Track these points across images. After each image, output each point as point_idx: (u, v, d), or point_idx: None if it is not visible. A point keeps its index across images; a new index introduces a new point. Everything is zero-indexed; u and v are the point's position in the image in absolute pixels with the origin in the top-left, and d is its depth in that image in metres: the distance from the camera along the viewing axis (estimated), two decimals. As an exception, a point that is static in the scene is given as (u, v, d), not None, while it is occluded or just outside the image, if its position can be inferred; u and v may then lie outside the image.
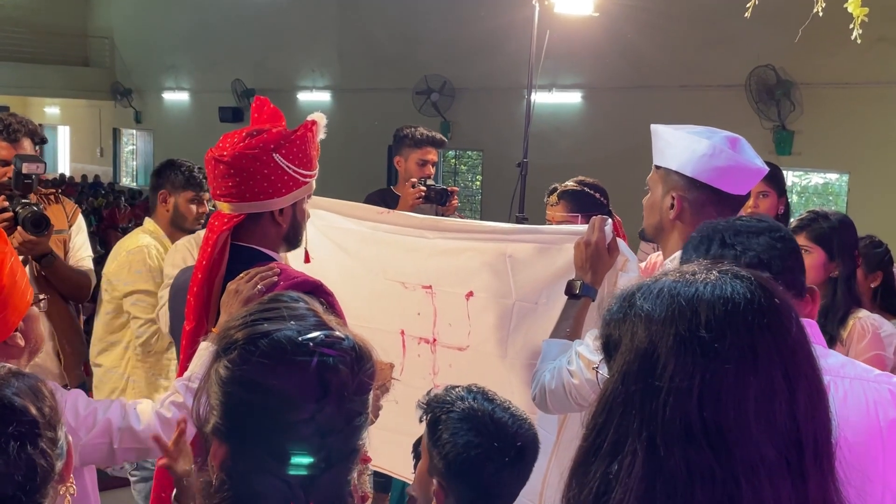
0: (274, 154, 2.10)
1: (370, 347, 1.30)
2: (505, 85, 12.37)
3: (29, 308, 1.89)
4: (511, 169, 5.04)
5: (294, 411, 1.19)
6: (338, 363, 1.22)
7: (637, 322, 1.03)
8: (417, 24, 14.52)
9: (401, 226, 2.95)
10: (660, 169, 2.21)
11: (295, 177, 2.15)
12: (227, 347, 1.24)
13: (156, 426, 1.94)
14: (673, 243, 2.19)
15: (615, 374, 1.03)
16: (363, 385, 1.26)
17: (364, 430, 1.28)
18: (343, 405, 1.22)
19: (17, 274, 1.85)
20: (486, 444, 1.81)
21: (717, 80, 10.50)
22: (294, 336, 1.22)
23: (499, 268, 2.70)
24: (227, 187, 2.14)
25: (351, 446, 1.25)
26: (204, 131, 16.45)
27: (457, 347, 2.86)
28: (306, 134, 2.18)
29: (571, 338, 2.26)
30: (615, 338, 1.06)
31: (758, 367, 0.98)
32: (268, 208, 2.16)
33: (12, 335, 1.85)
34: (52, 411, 1.30)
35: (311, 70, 17.20)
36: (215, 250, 2.13)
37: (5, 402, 1.24)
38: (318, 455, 1.20)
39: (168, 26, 20.53)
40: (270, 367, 1.20)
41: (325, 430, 1.20)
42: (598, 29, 10.21)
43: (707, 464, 0.95)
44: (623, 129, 10.87)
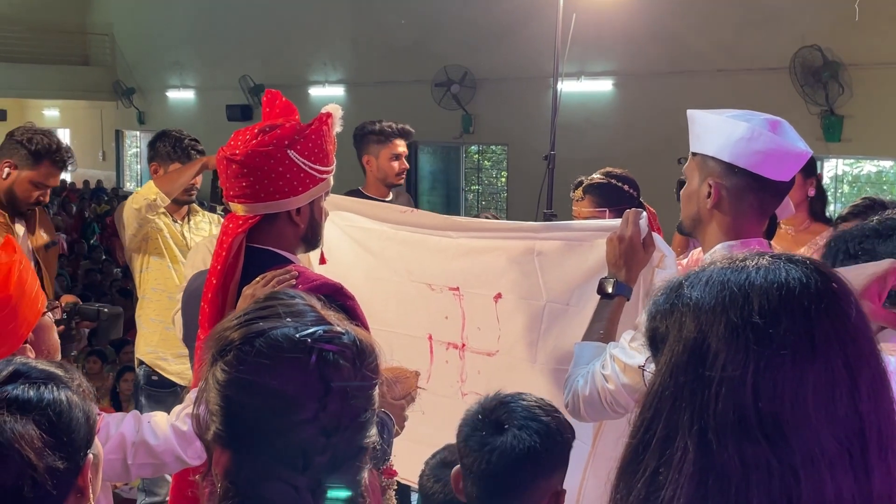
0: (288, 150, 2.11)
1: (371, 341, 1.31)
2: (530, 74, 12.36)
3: (40, 318, 1.93)
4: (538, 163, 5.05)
5: (296, 411, 1.21)
6: (338, 359, 1.23)
7: (685, 312, 1.03)
8: (435, 11, 14.53)
9: (424, 226, 2.97)
10: (696, 156, 2.21)
11: (311, 174, 2.16)
12: (222, 349, 1.26)
13: (171, 440, 1.96)
14: (711, 235, 2.18)
15: (663, 367, 1.04)
16: (366, 380, 1.27)
17: (371, 426, 1.29)
18: (347, 402, 1.24)
19: (25, 283, 1.89)
20: (471, 424, 1.87)
21: (759, 62, 10.43)
22: (291, 333, 1.24)
23: (527, 268, 2.72)
24: (240, 188, 2.15)
25: (358, 444, 1.27)
26: (211, 131, 16.50)
27: (486, 353, 2.88)
28: (321, 128, 2.19)
29: (605, 340, 2.26)
30: (662, 330, 1.06)
31: (816, 355, 0.98)
32: (284, 208, 2.17)
33: (22, 347, 1.90)
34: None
35: (324, 63, 17.26)
36: (230, 254, 2.14)
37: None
38: (323, 455, 1.22)
39: (171, 21, 20.67)
40: (268, 366, 1.22)
41: (329, 429, 1.22)
42: (629, 11, 10.20)
43: (763, 457, 0.95)
44: (658, 117, 10.84)
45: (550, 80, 5.25)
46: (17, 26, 22.24)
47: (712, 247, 2.17)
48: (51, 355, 1.97)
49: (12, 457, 1.26)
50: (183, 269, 3.93)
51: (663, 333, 1.06)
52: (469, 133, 14.61)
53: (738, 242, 2.13)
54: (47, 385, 1.34)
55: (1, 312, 1.85)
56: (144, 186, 3.97)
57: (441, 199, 16.15)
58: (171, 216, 4.09)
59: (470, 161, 16.10)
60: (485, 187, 16.09)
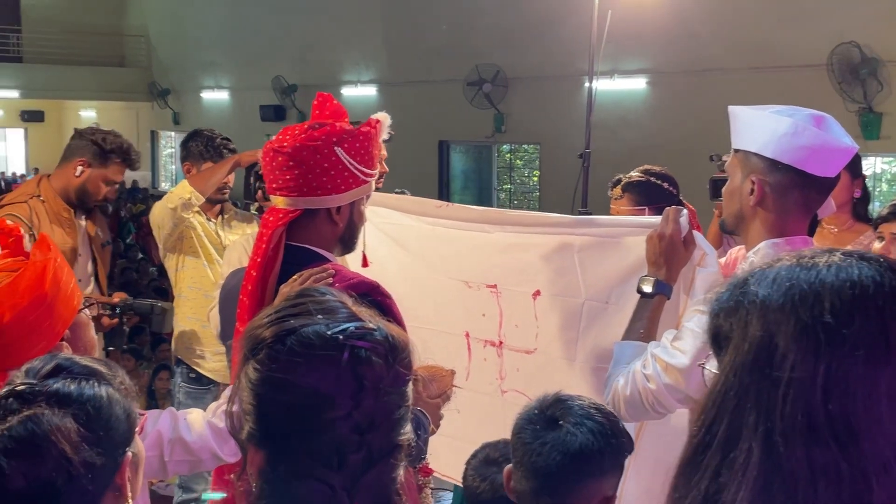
0: (336, 147, 2.13)
1: (404, 337, 1.30)
2: (563, 72, 12.32)
3: (77, 315, 1.94)
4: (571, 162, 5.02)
5: (329, 409, 1.19)
6: (371, 355, 1.22)
7: (751, 310, 1.00)
8: (468, 10, 14.52)
9: (460, 220, 2.95)
10: (738, 152, 2.17)
11: (356, 174, 2.17)
12: (254, 348, 1.25)
13: (208, 437, 1.96)
14: (755, 233, 2.14)
15: (727, 367, 1.01)
16: (400, 376, 1.26)
17: (405, 422, 1.28)
18: (380, 398, 1.22)
19: (60, 281, 1.90)
20: (534, 426, 1.84)
21: (796, 59, 10.31)
22: (323, 330, 1.22)
23: (566, 264, 2.69)
24: (284, 180, 2.16)
25: (393, 441, 1.25)
26: (245, 131, 16.67)
27: (524, 350, 2.86)
28: (370, 132, 2.21)
29: (646, 339, 2.22)
30: (726, 329, 1.03)
31: (890, 356, 0.94)
32: (325, 205, 2.18)
33: (58, 344, 1.90)
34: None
35: (356, 63, 17.31)
36: (269, 246, 2.15)
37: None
38: (358, 453, 1.21)
39: (205, 22, 20.85)
40: (301, 364, 1.20)
41: (363, 426, 1.21)
42: (664, 8, 10.12)
43: (833, 462, 0.92)
44: (693, 115, 10.76)
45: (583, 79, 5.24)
46: (55, 28, 22.56)
47: (756, 245, 2.13)
48: (87, 352, 1.97)
49: (49, 449, 1.26)
50: (218, 267, 3.96)
51: (727, 332, 1.03)
52: (501, 132, 14.59)
53: (782, 240, 2.10)
54: (88, 380, 1.34)
55: (37, 310, 1.85)
56: (178, 186, 4.00)
57: (473, 199, 16.13)
58: (204, 215, 4.11)
59: (502, 160, 16.07)
60: (517, 186, 16.06)
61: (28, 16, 23.59)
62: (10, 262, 1.92)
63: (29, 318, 1.83)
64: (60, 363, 1.36)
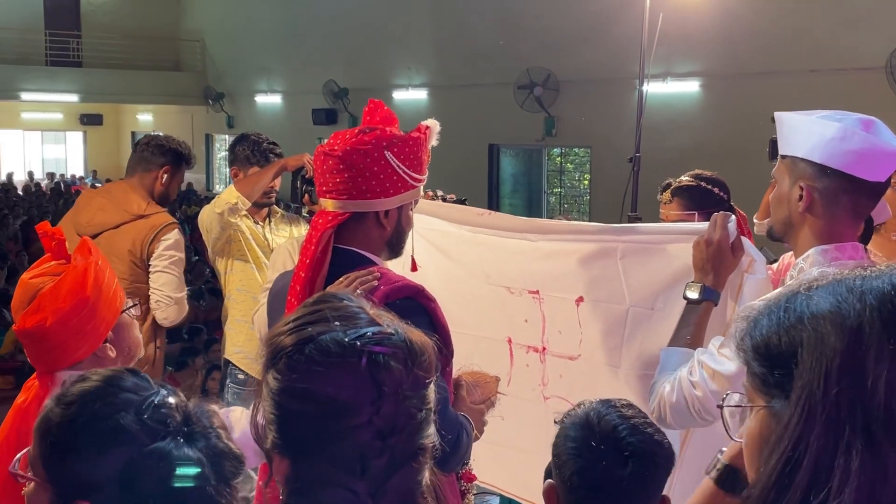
0: (385, 151, 2.14)
1: (424, 339, 1.29)
2: (614, 75, 12.22)
3: (119, 316, 1.97)
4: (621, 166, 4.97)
5: (350, 416, 1.19)
6: (389, 360, 1.21)
7: (819, 321, 0.99)
8: (517, 13, 14.50)
9: (502, 228, 2.94)
10: (786, 158, 2.13)
11: (404, 178, 2.18)
12: (273, 356, 1.25)
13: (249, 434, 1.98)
14: (804, 240, 2.10)
15: (809, 380, 0.98)
16: (420, 380, 1.25)
17: (428, 425, 1.27)
18: (401, 403, 1.22)
19: (102, 284, 1.93)
20: (583, 441, 1.80)
21: (853, 62, 10.11)
22: (341, 337, 1.22)
23: (610, 271, 2.66)
24: (334, 183, 2.18)
25: (416, 445, 1.25)
26: (297, 135, 16.84)
27: (567, 356, 2.83)
28: (419, 137, 2.23)
29: (692, 346, 2.19)
30: (788, 345, 1.01)
31: None
32: (373, 208, 2.18)
33: (102, 346, 1.93)
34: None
35: (407, 67, 17.39)
36: (318, 248, 2.16)
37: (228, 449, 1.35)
38: (381, 458, 1.20)
39: (259, 27, 21.12)
40: (319, 373, 1.20)
41: (384, 431, 1.20)
42: (717, 10, 10.00)
43: None
44: (746, 119, 10.60)
45: (634, 82, 5.18)
46: (114, 34, 23.04)
47: (805, 251, 2.09)
48: (132, 352, 2.00)
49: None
50: (265, 269, 4.00)
51: (792, 347, 1.00)
52: (551, 135, 14.54)
53: (831, 247, 2.05)
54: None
55: (79, 313, 1.89)
56: (226, 191, 4.06)
57: (523, 202, 16.10)
58: (252, 218, 4.15)
59: (552, 164, 16.01)
60: (567, 190, 15.98)
61: (88, 21, 24.11)
62: (52, 265, 1.96)
63: (72, 322, 1.87)
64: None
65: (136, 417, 1.32)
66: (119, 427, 1.30)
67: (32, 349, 1.94)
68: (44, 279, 1.89)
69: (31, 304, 1.87)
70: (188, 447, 1.32)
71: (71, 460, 1.31)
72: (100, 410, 1.33)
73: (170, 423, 1.33)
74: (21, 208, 17.30)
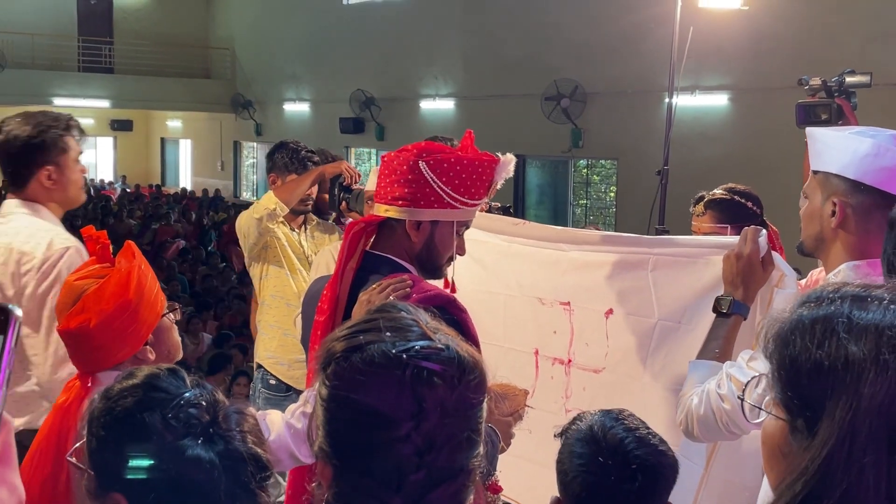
0: (421, 162, 2.16)
1: (476, 358, 1.27)
2: (642, 88, 12.22)
3: (160, 320, 2.01)
4: (649, 178, 4.98)
5: (389, 429, 1.19)
6: (433, 376, 1.20)
7: (860, 335, 1.00)
8: (546, 24, 14.51)
9: (537, 238, 2.96)
10: (818, 174, 2.14)
11: (440, 194, 2.17)
12: (326, 361, 1.26)
13: (286, 438, 2.00)
14: (835, 255, 2.11)
15: (851, 397, 0.99)
16: (465, 399, 1.23)
17: (475, 447, 1.25)
18: (443, 420, 1.20)
19: (144, 287, 1.97)
20: (590, 457, 1.81)
21: (885, 78, 9.98)
22: (388, 349, 1.21)
23: (640, 283, 2.67)
24: (381, 187, 2.26)
25: (458, 465, 1.23)
26: (325, 143, 16.80)
27: (592, 370, 2.85)
28: (474, 161, 2.22)
29: (721, 359, 2.20)
30: (818, 374, 1.02)
31: None
32: (403, 216, 2.22)
33: (142, 348, 1.97)
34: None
35: (434, 77, 17.45)
36: (345, 244, 2.24)
37: (251, 453, 1.39)
38: (417, 474, 1.19)
39: (288, 36, 21.26)
40: (363, 383, 1.20)
41: (422, 448, 1.19)
42: (748, 23, 9.97)
43: None
44: (775, 133, 10.54)
45: (663, 94, 5.19)
46: (145, 41, 23.27)
47: (836, 267, 2.10)
48: (171, 355, 2.04)
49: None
50: (301, 276, 4.07)
51: (824, 381, 1.01)
52: (578, 147, 14.53)
53: (863, 262, 2.07)
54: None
55: (122, 315, 1.93)
56: (264, 197, 4.10)
57: (548, 213, 16.08)
58: (288, 225, 4.20)
59: (578, 175, 15.99)
60: (593, 202, 15.95)
61: (120, 28, 24.39)
62: (97, 268, 2.00)
63: (115, 324, 1.91)
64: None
65: (162, 416, 1.37)
66: (144, 424, 1.37)
67: (75, 350, 1.98)
68: (88, 281, 1.94)
69: (76, 305, 1.91)
70: (204, 448, 1.35)
71: (108, 453, 1.38)
72: (132, 406, 1.40)
73: (193, 424, 1.37)
74: (51, 212, 17.49)
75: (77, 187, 3.13)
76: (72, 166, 3.09)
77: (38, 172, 2.98)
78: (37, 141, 2.97)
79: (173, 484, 1.34)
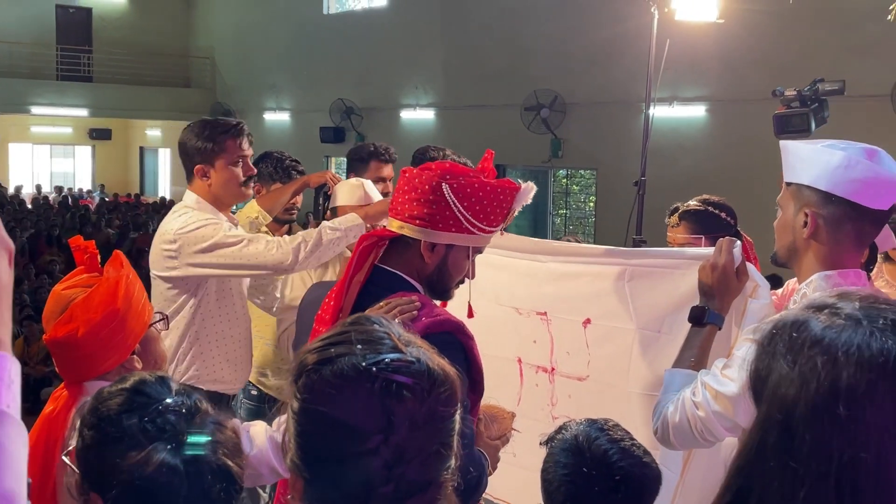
0: (444, 184, 2.12)
1: (447, 371, 1.26)
2: (621, 99, 12.31)
3: (147, 329, 2.03)
4: (627, 189, 5.02)
5: (357, 442, 1.18)
6: (403, 389, 1.19)
7: (778, 371, 1.03)
8: (526, 36, 14.61)
9: (513, 249, 2.99)
10: (791, 185, 2.19)
11: (459, 218, 2.14)
12: (297, 374, 1.25)
13: (268, 451, 2.02)
14: (808, 265, 2.15)
15: (757, 426, 1.04)
16: (435, 412, 1.22)
17: (445, 460, 1.25)
18: (414, 433, 1.20)
19: (132, 297, 1.99)
20: (575, 467, 1.84)
21: (859, 90, 10.12)
22: (359, 362, 1.21)
23: (617, 294, 2.71)
24: (398, 202, 2.21)
25: (428, 478, 1.23)
26: (305, 153, 16.81)
27: (576, 377, 2.88)
28: (497, 188, 2.19)
29: (696, 368, 2.24)
30: (759, 384, 1.06)
31: None
32: (418, 236, 2.17)
33: (129, 358, 1.99)
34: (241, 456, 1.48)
35: (415, 87, 17.50)
36: (355, 257, 2.20)
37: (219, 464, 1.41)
38: (386, 487, 1.19)
39: (269, 45, 21.25)
40: (332, 396, 1.20)
41: (391, 461, 1.19)
42: (724, 36, 10.07)
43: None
44: (752, 144, 10.65)
45: (641, 105, 5.24)
46: (124, 49, 23.17)
47: (808, 277, 2.14)
48: (157, 365, 2.06)
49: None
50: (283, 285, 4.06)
51: (759, 388, 1.06)
52: (558, 157, 14.61)
53: (835, 273, 2.11)
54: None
55: (110, 325, 1.94)
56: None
57: (528, 223, 16.14)
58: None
59: (558, 185, 16.07)
60: (573, 212, 16.03)
61: (99, 36, 24.27)
62: (85, 278, 2.02)
63: (102, 333, 1.92)
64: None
65: (139, 419, 1.41)
66: (122, 426, 1.42)
67: (62, 359, 1.99)
68: (76, 290, 1.95)
69: (63, 314, 1.93)
70: (171, 454, 1.38)
71: (91, 452, 1.43)
72: (115, 408, 1.44)
73: (167, 430, 1.41)
74: (29, 221, 17.40)
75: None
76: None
77: None
78: None
79: (138, 487, 1.37)
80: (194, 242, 3.18)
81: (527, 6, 14.64)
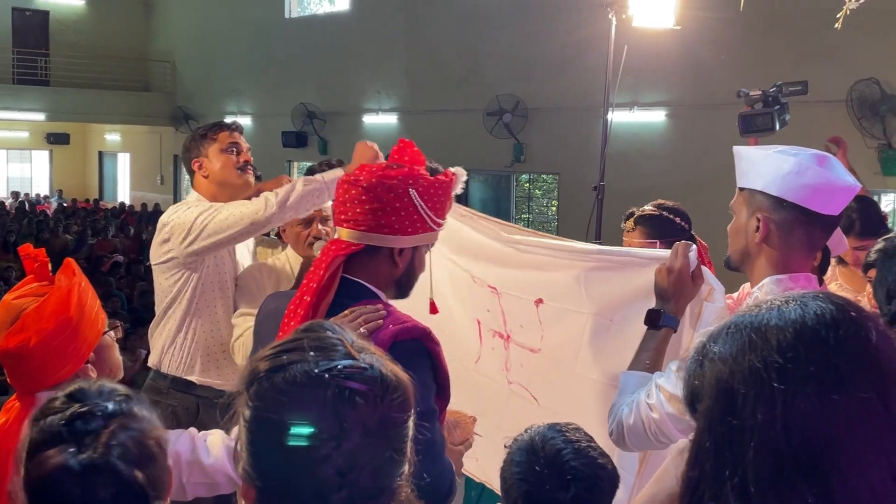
0: (411, 189, 2.13)
1: (400, 377, 1.26)
2: (582, 104, 12.38)
3: (101, 337, 2.01)
4: (589, 193, 5.06)
5: (310, 449, 1.18)
6: (355, 395, 1.19)
7: (711, 367, 1.04)
8: (488, 41, 14.66)
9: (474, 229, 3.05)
10: (743, 191, 2.22)
11: (425, 219, 2.17)
12: (248, 381, 1.24)
13: (224, 460, 2.01)
14: (760, 269, 2.18)
15: (701, 425, 1.04)
16: (388, 419, 1.22)
17: (399, 466, 1.25)
18: (366, 440, 1.19)
19: (85, 305, 1.97)
20: (527, 466, 1.87)
21: (815, 95, 10.18)
22: (311, 368, 1.20)
23: (572, 280, 2.76)
24: (354, 213, 2.16)
25: (382, 484, 1.23)
26: (267, 157, 16.81)
27: (529, 348, 2.95)
28: (447, 182, 2.23)
29: (651, 370, 2.26)
30: (697, 389, 1.07)
31: (841, 384, 0.97)
32: (389, 244, 2.17)
33: (84, 367, 1.97)
34: (160, 466, 1.47)
35: (377, 92, 17.49)
36: (326, 274, 2.14)
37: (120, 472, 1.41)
38: (339, 494, 1.19)
39: (230, 49, 21.11)
40: (284, 402, 1.19)
41: (344, 468, 1.18)
42: (683, 43, 10.17)
43: (804, 500, 0.94)
44: (711, 149, 10.76)
45: (602, 110, 5.28)
46: (82, 53, 22.90)
47: (760, 281, 2.18)
48: (112, 373, 2.04)
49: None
50: None
51: (698, 392, 1.07)
52: (520, 162, 14.68)
53: (786, 277, 2.14)
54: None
55: (62, 334, 1.92)
56: None
57: (491, 227, 16.20)
58: None
59: (521, 189, 16.14)
60: (535, 216, 16.11)
61: (56, 40, 23.98)
62: (35, 286, 1.99)
63: (55, 342, 1.90)
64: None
65: (58, 424, 1.43)
66: (41, 429, 1.45)
67: (14, 369, 1.97)
68: (27, 300, 1.93)
69: (15, 324, 1.90)
70: (73, 456, 1.40)
71: (25, 458, 1.46)
72: (47, 415, 1.46)
73: (77, 433, 1.42)
74: (-15, 227, 17.14)
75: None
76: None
77: None
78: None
79: (39, 487, 1.41)
80: (181, 229, 3.33)
81: (489, 12, 14.70)
